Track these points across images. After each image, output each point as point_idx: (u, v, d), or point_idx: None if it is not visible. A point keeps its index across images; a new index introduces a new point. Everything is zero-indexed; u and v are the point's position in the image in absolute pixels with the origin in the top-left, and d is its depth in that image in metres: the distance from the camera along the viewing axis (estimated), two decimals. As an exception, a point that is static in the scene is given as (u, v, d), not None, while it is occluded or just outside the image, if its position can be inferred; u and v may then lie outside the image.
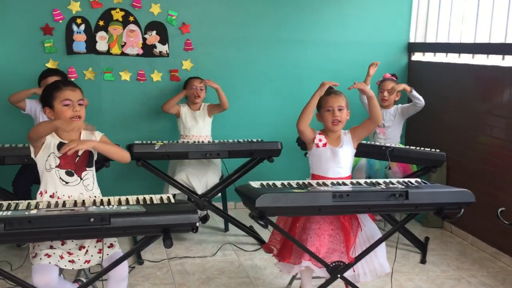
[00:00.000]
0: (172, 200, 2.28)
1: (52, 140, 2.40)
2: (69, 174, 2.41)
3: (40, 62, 4.00)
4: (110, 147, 2.47)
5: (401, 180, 2.65)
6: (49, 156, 2.39)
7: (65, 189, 2.40)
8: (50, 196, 2.39)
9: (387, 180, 2.63)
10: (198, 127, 4.01)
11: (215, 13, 4.37)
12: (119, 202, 2.26)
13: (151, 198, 2.31)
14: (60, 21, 4.05)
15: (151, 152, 3.43)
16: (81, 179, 2.43)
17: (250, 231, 3.94)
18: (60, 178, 2.40)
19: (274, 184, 2.50)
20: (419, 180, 2.66)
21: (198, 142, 3.68)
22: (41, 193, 2.42)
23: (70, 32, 4.07)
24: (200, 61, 4.30)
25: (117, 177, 4.25)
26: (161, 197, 2.31)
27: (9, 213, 2.00)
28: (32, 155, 2.42)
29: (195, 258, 3.54)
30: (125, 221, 2.03)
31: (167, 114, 4.30)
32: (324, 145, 2.74)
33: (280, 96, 4.57)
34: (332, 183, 2.55)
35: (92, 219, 1.98)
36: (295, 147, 3.87)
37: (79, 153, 2.43)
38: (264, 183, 2.50)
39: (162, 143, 3.50)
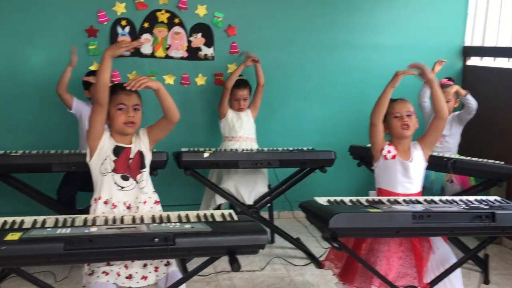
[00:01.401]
0: (235, 217, 2.12)
1: (108, 143, 2.29)
2: (125, 178, 2.29)
3: (84, 65, 3.86)
4: (170, 98, 2.30)
5: (479, 198, 2.43)
6: (105, 159, 2.27)
7: (120, 194, 2.28)
8: (104, 203, 2.26)
9: (464, 198, 2.42)
10: (244, 128, 3.83)
11: (262, 15, 4.20)
12: (179, 219, 2.10)
13: (212, 214, 2.16)
14: (105, 23, 3.93)
15: (200, 161, 3.27)
16: (136, 182, 2.31)
17: (298, 244, 3.76)
18: (115, 183, 2.27)
19: (342, 200, 2.31)
20: (498, 198, 2.44)
21: (248, 150, 3.50)
22: (95, 200, 2.29)
23: (114, 34, 3.95)
24: (246, 64, 4.13)
25: (159, 184, 4.09)
26: (222, 214, 2.16)
27: (68, 230, 1.86)
28: (88, 158, 2.29)
29: (243, 273, 3.37)
30: (191, 241, 1.88)
31: (209, 120, 4.18)
32: (393, 157, 2.53)
33: (328, 102, 4.38)
34: (405, 201, 2.35)
35: (157, 239, 1.83)
36: (344, 156, 3.67)
37: (131, 156, 2.31)
38: (332, 199, 2.32)
39: (211, 151, 3.34)
